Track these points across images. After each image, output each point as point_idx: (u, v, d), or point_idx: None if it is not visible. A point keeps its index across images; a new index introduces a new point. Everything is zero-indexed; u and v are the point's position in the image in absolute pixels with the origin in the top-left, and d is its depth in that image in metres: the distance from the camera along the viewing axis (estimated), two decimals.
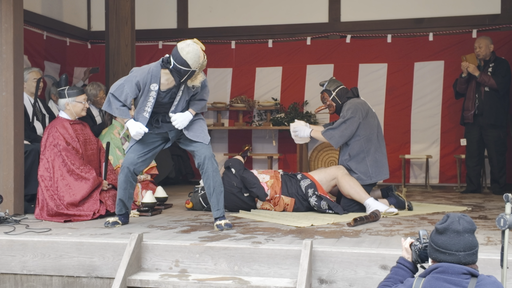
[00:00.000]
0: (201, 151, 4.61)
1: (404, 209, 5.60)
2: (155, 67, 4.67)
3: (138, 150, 4.72)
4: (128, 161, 4.70)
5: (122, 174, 4.72)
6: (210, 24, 8.93)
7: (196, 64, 4.40)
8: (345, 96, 5.78)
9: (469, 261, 2.49)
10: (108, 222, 4.64)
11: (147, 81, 4.57)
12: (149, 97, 4.57)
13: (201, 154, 4.60)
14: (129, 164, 4.69)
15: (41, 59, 8.13)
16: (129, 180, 4.72)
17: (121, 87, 4.57)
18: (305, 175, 5.63)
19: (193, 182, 8.07)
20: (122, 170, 4.71)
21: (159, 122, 4.71)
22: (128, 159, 4.71)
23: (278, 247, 3.76)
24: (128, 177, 4.71)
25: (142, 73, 4.63)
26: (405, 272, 2.75)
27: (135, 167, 4.70)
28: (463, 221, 2.51)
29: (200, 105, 4.73)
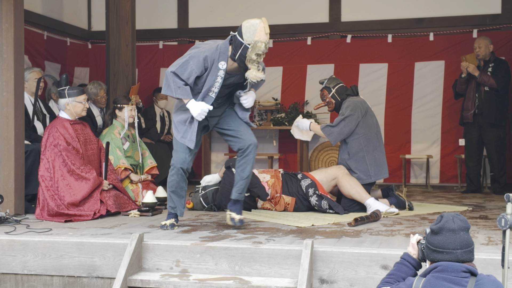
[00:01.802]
0: (247, 137, 4.52)
1: (404, 209, 5.60)
2: (223, 44, 4.35)
3: (188, 149, 4.49)
4: (180, 161, 4.48)
5: (176, 175, 4.52)
6: (210, 24, 8.93)
7: (249, 38, 4.15)
8: (344, 93, 5.79)
9: (466, 259, 2.50)
10: (166, 225, 4.49)
11: (216, 57, 4.29)
12: (217, 76, 4.31)
13: (246, 139, 4.51)
14: (181, 164, 4.48)
15: (42, 59, 8.13)
16: (184, 179, 4.55)
17: (185, 64, 4.30)
18: (305, 175, 5.63)
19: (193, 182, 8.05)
20: (176, 172, 4.50)
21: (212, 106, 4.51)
22: (180, 159, 4.49)
23: (279, 247, 3.76)
24: (183, 176, 4.53)
25: (210, 48, 4.34)
26: (408, 269, 2.75)
27: (188, 166, 4.52)
28: (457, 219, 2.53)
29: (260, 84, 4.54)
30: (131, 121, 6.14)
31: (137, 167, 6.18)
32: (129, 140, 6.13)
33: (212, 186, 5.68)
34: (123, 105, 6.12)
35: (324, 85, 5.87)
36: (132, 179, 5.95)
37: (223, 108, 4.63)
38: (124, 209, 5.29)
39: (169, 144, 8.16)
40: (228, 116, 4.63)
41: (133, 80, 7.15)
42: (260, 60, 4.23)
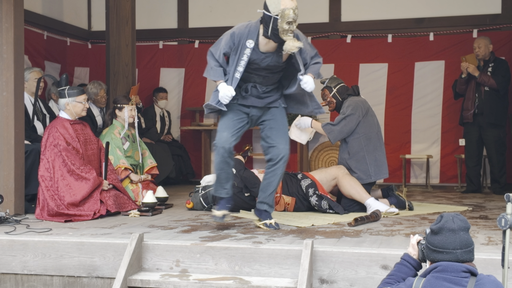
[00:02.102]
0: (281, 148, 4.40)
1: (404, 209, 5.60)
2: (255, 23, 4.31)
3: (230, 127, 4.37)
4: (222, 140, 4.34)
5: (217, 155, 4.37)
6: (210, 24, 8.92)
7: (275, 9, 4.06)
8: (345, 93, 5.80)
9: (466, 259, 2.51)
10: (216, 217, 4.42)
11: (244, 35, 4.22)
12: (243, 54, 4.21)
13: (281, 149, 4.40)
14: (224, 143, 4.32)
15: (42, 59, 8.13)
16: (226, 160, 4.38)
17: (218, 42, 4.27)
18: (305, 175, 5.63)
19: (193, 182, 8.06)
20: (217, 151, 4.36)
21: (248, 91, 4.40)
22: (222, 138, 4.35)
23: (279, 247, 3.76)
24: (224, 157, 4.36)
25: (240, 26, 4.30)
26: (408, 269, 2.75)
27: (230, 145, 4.35)
28: (457, 219, 2.53)
29: (316, 68, 4.36)
30: (131, 121, 6.14)
31: (137, 167, 6.18)
32: (129, 140, 6.13)
33: (212, 186, 5.67)
34: (123, 105, 6.12)
35: (325, 85, 5.88)
36: (132, 179, 5.95)
37: (269, 99, 4.46)
38: (124, 209, 5.29)
39: (169, 144, 8.17)
40: (274, 121, 4.48)
41: (133, 80, 7.15)
42: (293, 28, 4.09)
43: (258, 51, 4.25)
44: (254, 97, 4.41)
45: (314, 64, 4.37)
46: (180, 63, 9.01)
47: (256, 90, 4.37)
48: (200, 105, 8.82)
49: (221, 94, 4.25)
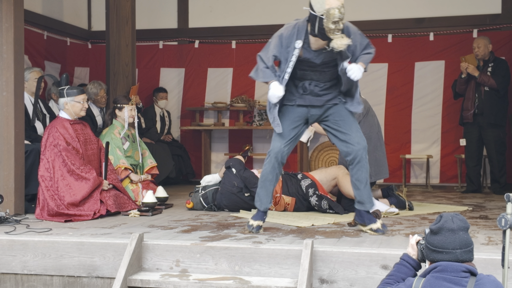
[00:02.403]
0: (356, 141, 4.23)
1: (404, 209, 5.60)
2: (302, 21, 4.21)
3: (284, 137, 4.28)
4: (275, 149, 4.28)
5: (269, 164, 4.31)
6: (210, 24, 8.92)
7: (321, 9, 3.96)
8: None
9: (466, 259, 2.51)
10: (252, 226, 4.32)
11: (293, 36, 4.13)
12: (292, 55, 4.11)
13: (355, 144, 4.22)
14: (277, 153, 4.27)
15: (42, 59, 8.13)
16: (276, 171, 4.31)
17: (267, 45, 4.20)
18: (305, 175, 5.63)
19: (193, 182, 8.06)
20: (269, 160, 4.30)
21: (306, 89, 4.27)
22: (275, 147, 4.28)
23: (279, 247, 3.76)
24: (275, 167, 4.30)
25: (288, 27, 4.21)
26: (407, 270, 2.75)
27: (282, 156, 4.29)
28: (457, 219, 2.53)
29: (367, 58, 4.20)
30: (131, 121, 6.14)
31: (137, 167, 6.18)
32: (129, 140, 6.13)
33: (212, 186, 5.68)
34: (123, 105, 6.12)
35: None
36: (132, 179, 5.95)
37: (327, 96, 4.31)
38: (124, 209, 5.29)
39: (169, 144, 8.17)
40: (338, 114, 4.31)
41: (133, 80, 7.14)
42: (339, 27, 3.97)
43: (309, 49, 4.14)
44: (312, 95, 4.27)
45: (365, 54, 4.21)
46: (180, 63, 9.01)
47: (314, 87, 4.25)
48: (200, 105, 8.83)
49: (270, 93, 4.14)
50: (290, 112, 4.31)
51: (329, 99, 4.31)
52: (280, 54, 4.18)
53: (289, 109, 4.31)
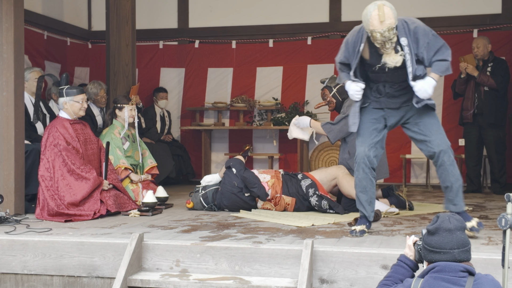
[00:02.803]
0: (436, 141, 4.09)
1: (405, 209, 5.60)
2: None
3: (366, 141, 4.23)
4: (360, 155, 4.23)
5: (358, 171, 4.26)
6: (210, 24, 8.93)
7: (366, 27, 3.91)
8: (345, 93, 5.79)
9: (463, 258, 2.51)
10: (355, 231, 4.22)
11: (357, 41, 4.08)
12: (356, 58, 4.07)
13: (435, 144, 4.09)
14: (362, 158, 4.22)
15: (42, 59, 8.13)
16: (369, 176, 4.23)
17: (339, 50, 4.19)
18: (305, 175, 5.63)
19: (193, 182, 8.06)
20: (358, 167, 4.25)
21: (381, 92, 4.20)
22: (360, 153, 4.24)
23: (279, 247, 3.76)
24: (366, 173, 4.23)
25: (353, 31, 4.15)
26: (405, 271, 2.75)
27: (369, 160, 4.21)
28: (453, 219, 2.54)
29: (442, 66, 4.03)
30: (131, 121, 6.14)
31: (137, 167, 6.18)
32: (129, 140, 6.13)
33: (212, 186, 5.68)
34: (123, 105, 6.12)
35: (325, 85, 5.88)
36: (132, 179, 5.94)
37: (402, 98, 4.21)
38: (124, 209, 5.29)
39: (169, 144, 8.16)
40: (417, 116, 4.22)
41: (133, 80, 7.14)
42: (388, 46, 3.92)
43: (376, 53, 4.06)
44: (388, 97, 4.20)
45: (439, 61, 4.04)
46: (180, 63, 9.01)
47: (389, 89, 4.18)
48: (200, 105, 8.83)
49: (350, 92, 4.15)
50: (367, 114, 4.27)
51: (406, 100, 4.21)
52: (348, 59, 4.15)
53: (366, 112, 4.27)
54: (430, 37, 4.04)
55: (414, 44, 4.01)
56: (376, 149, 4.26)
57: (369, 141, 4.25)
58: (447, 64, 4.05)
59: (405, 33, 4.02)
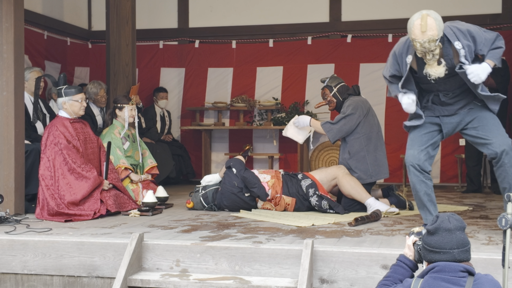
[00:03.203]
0: (497, 141, 4.03)
1: (405, 208, 5.60)
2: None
3: (416, 144, 4.17)
4: (409, 157, 4.16)
5: (410, 175, 4.17)
6: (210, 24, 8.93)
7: (409, 34, 3.91)
8: (345, 93, 5.80)
9: (463, 258, 2.51)
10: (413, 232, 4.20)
11: (404, 51, 4.09)
12: (405, 71, 4.06)
13: (496, 144, 4.02)
14: (411, 161, 4.13)
15: (42, 59, 8.13)
16: (422, 179, 4.12)
17: (386, 63, 4.20)
18: (306, 175, 5.63)
19: (194, 182, 8.06)
20: (409, 171, 4.17)
21: (429, 102, 4.17)
22: (409, 155, 4.17)
23: (279, 247, 3.76)
24: (418, 176, 4.12)
25: (399, 43, 4.18)
26: (404, 271, 2.75)
27: (420, 163, 4.12)
28: (453, 219, 2.54)
29: (497, 53, 3.96)
30: (131, 120, 6.14)
31: (137, 167, 6.18)
32: (129, 140, 6.13)
33: (212, 186, 5.67)
34: (123, 104, 6.12)
35: (325, 84, 5.87)
36: (132, 179, 5.94)
37: (457, 105, 4.17)
38: (124, 208, 5.29)
39: (169, 144, 8.16)
40: (476, 120, 4.15)
41: (133, 80, 7.15)
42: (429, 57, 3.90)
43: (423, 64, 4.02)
44: (442, 106, 4.14)
45: (493, 49, 3.98)
46: (181, 63, 9.01)
47: (443, 98, 4.13)
48: (200, 105, 8.83)
49: (403, 106, 4.17)
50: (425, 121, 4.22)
51: (461, 106, 4.17)
52: (397, 71, 4.14)
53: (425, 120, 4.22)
54: (483, 33, 4.01)
55: (472, 44, 3.97)
56: (427, 153, 4.17)
57: (420, 144, 4.18)
58: (501, 51, 3.99)
59: (457, 36, 3.97)
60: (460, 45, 3.96)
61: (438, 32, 3.86)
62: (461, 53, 3.96)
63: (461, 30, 4.00)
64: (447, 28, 4.00)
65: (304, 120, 5.81)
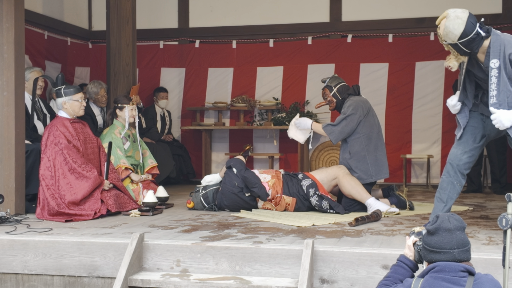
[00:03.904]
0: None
1: (405, 208, 5.60)
2: None
3: (462, 143, 4.14)
4: (451, 155, 4.14)
5: (444, 172, 4.16)
6: (211, 24, 8.92)
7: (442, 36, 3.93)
8: (346, 92, 5.80)
9: (463, 258, 2.51)
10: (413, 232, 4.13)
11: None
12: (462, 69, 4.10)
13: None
14: (452, 159, 4.12)
15: (42, 59, 8.13)
16: (451, 181, 4.13)
17: None
18: (306, 175, 5.63)
19: (194, 182, 8.07)
20: (445, 168, 4.15)
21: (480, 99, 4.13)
22: (451, 153, 4.15)
23: (279, 247, 3.76)
24: (450, 175, 4.13)
25: None
26: (405, 271, 2.75)
27: (459, 163, 4.11)
28: (453, 219, 2.54)
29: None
30: (131, 120, 6.14)
31: (137, 167, 6.18)
32: (130, 140, 6.13)
33: (212, 186, 5.68)
34: (123, 104, 6.12)
35: (326, 84, 5.88)
36: (132, 179, 5.94)
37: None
38: (124, 208, 5.29)
39: (170, 144, 8.16)
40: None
41: (134, 79, 7.15)
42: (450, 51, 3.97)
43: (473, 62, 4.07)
44: (486, 105, 4.06)
45: None
46: (181, 63, 9.02)
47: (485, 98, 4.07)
48: (200, 105, 8.83)
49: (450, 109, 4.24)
50: (470, 119, 4.21)
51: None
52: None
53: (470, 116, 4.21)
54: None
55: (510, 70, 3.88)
56: (470, 157, 4.15)
57: (466, 145, 4.16)
58: None
59: (499, 55, 3.91)
60: (496, 64, 3.90)
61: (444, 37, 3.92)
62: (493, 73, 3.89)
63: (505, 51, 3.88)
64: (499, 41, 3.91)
65: (306, 123, 5.82)
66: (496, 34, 3.97)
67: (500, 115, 3.86)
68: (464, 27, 3.88)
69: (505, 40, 3.94)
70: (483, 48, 3.97)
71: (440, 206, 4.25)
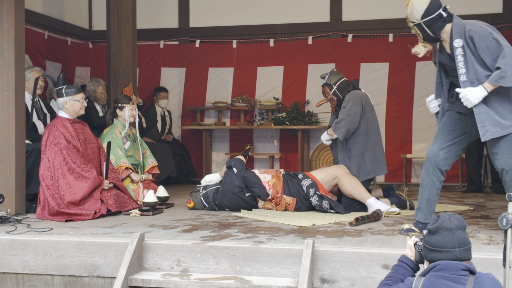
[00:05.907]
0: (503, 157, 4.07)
1: (405, 208, 5.60)
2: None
3: (438, 139, 4.13)
4: (429, 152, 4.12)
5: (423, 169, 4.13)
6: (211, 24, 8.93)
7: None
8: (346, 89, 5.79)
9: (464, 257, 2.52)
10: (402, 229, 4.20)
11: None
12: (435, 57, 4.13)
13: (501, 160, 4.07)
14: (430, 156, 4.09)
15: (43, 59, 8.13)
16: (430, 177, 4.08)
17: None
18: (306, 175, 5.63)
19: (194, 182, 8.06)
20: (424, 164, 4.12)
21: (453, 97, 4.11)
22: (429, 150, 4.12)
23: (279, 247, 3.76)
24: (429, 172, 4.09)
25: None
26: (406, 271, 2.76)
27: (437, 160, 4.07)
28: (454, 218, 2.55)
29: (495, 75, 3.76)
30: (132, 120, 6.14)
31: (138, 167, 6.18)
32: (130, 140, 6.13)
33: (213, 186, 5.68)
34: (124, 104, 6.12)
35: (325, 81, 5.86)
36: (133, 179, 5.94)
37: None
38: (125, 208, 5.29)
39: (170, 143, 8.17)
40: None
41: (134, 79, 7.14)
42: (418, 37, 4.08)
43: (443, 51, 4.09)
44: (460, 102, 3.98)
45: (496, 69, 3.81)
46: (181, 62, 9.02)
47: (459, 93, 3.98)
48: (200, 105, 8.83)
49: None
50: (447, 117, 4.22)
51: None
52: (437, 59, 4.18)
53: (447, 114, 4.23)
54: (489, 40, 3.87)
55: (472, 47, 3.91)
56: (447, 153, 4.12)
57: (442, 141, 4.14)
58: (500, 73, 3.75)
59: (461, 35, 3.96)
60: (460, 44, 3.97)
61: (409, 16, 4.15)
62: (457, 52, 3.95)
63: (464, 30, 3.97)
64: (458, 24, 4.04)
65: (325, 137, 5.85)
66: (458, 18, 4.10)
67: (467, 92, 3.86)
68: (427, 6, 4.11)
69: (465, 22, 4.07)
70: (446, 32, 4.06)
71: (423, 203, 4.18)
